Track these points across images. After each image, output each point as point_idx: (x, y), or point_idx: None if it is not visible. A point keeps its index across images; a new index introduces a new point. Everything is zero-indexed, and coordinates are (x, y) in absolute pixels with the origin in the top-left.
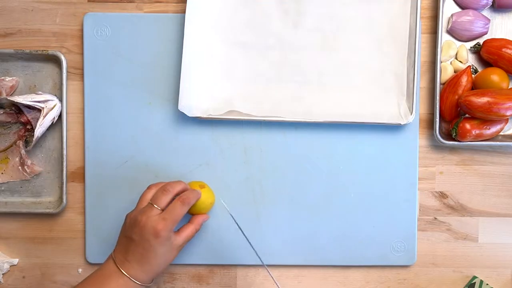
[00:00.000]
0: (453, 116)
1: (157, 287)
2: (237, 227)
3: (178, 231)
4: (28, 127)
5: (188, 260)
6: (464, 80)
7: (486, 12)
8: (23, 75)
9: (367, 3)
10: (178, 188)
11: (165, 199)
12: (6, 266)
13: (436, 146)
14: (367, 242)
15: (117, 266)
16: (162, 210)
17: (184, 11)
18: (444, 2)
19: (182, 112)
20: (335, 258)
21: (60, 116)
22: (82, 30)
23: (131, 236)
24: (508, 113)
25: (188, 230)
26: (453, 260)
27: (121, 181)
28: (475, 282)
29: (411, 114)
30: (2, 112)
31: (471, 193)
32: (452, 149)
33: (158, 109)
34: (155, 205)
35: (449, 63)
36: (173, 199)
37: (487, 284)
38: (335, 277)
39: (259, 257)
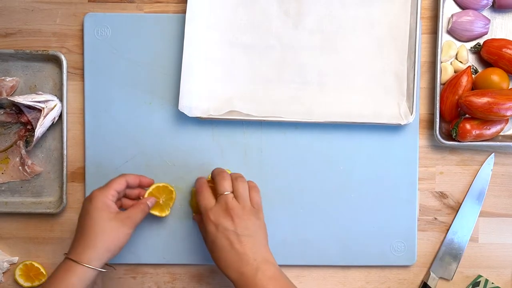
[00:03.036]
0: (453, 116)
1: (157, 287)
2: None
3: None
4: (29, 127)
5: (189, 260)
6: (464, 80)
7: (486, 12)
8: (23, 75)
9: (367, 3)
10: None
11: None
12: (6, 265)
13: (436, 146)
14: (367, 242)
15: (68, 258)
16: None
17: (184, 11)
18: (444, 2)
19: (183, 112)
20: (335, 258)
21: (60, 116)
22: (82, 30)
23: (78, 221)
24: (508, 113)
25: (133, 207)
26: None
27: None
28: (480, 281)
29: (411, 114)
30: (2, 112)
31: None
32: (452, 149)
33: (159, 109)
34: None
35: (449, 63)
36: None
37: (492, 283)
38: (335, 277)
39: None
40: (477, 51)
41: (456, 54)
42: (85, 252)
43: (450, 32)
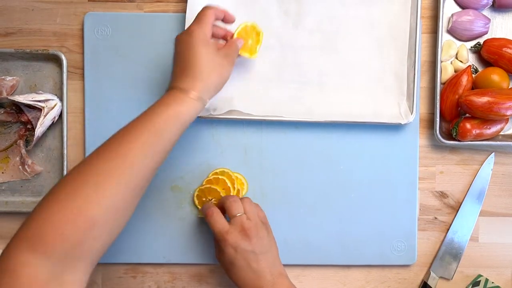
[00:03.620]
0: (453, 116)
1: (157, 286)
2: None
3: None
4: (29, 126)
5: (188, 260)
6: (465, 79)
7: (486, 12)
8: (23, 74)
9: (368, 3)
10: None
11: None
12: None
13: (436, 146)
14: (367, 242)
15: (175, 87)
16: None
17: (184, 11)
18: (444, 2)
19: None
20: (335, 258)
21: (60, 115)
22: (82, 30)
23: (174, 57)
24: (509, 112)
25: (229, 45)
26: None
27: None
28: (480, 280)
29: (411, 114)
30: (2, 112)
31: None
32: (452, 148)
33: None
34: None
35: (450, 62)
36: None
37: (492, 282)
38: (335, 277)
39: None
40: (477, 50)
41: (456, 54)
42: (196, 85)
43: (450, 31)
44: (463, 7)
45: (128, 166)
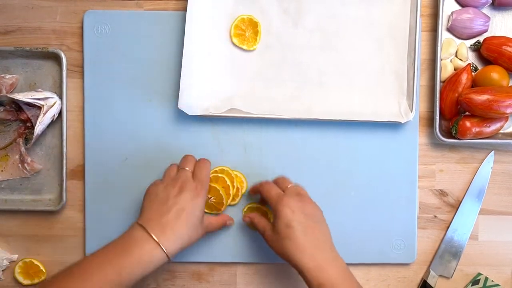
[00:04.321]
0: (453, 114)
1: (156, 285)
2: (238, 225)
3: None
4: (28, 124)
5: (188, 258)
6: (464, 78)
7: (486, 10)
8: (23, 72)
9: (367, 2)
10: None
11: (191, 161)
12: (6, 263)
13: (436, 144)
14: (367, 240)
15: (146, 231)
16: (192, 172)
17: (184, 9)
18: (444, 0)
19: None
20: None
21: (60, 113)
22: (82, 28)
23: (167, 199)
24: (508, 110)
25: (217, 218)
26: None
27: (121, 178)
28: (479, 279)
29: (411, 112)
30: (2, 110)
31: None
32: (452, 147)
33: (158, 107)
34: (185, 168)
35: (449, 61)
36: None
37: (492, 281)
38: None
39: None
40: (477, 48)
41: (456, 52)
42: (175, 243)
43: (450, 29)
44: (462, 5)
45: None
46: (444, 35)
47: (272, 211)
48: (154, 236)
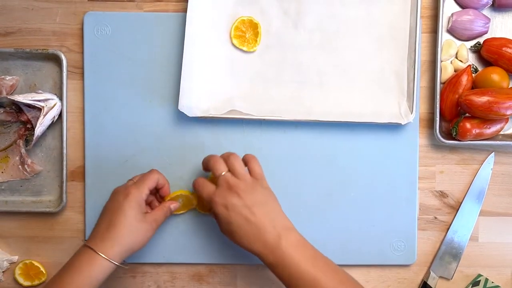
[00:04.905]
0: (453, 115)
1: (157, 286)
2: None
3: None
4: (28, 126)
5: (188, 259)
6: (464, 79)
7: (486, 11)
8: (23, 74)
9: (367, 3)
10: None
11: (139, 176)
12: (6, 264)
13: (436, 145)
14: (367, 241)
15: (85, 245)
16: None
17: (184, 10)
18: (444, 1)
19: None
20: (335, 257)
21: (60, 115)
22: (82, 29)
23: (104, 208)
24: (508, 112)
25: (159, 210)
26: None
27: (121, 180)
28: (480, 280)
29: (411, 114)
30: (2, 111)
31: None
32: (452, 148)
33: (158, 108)
34: (131, 179)
35: (450, 62)
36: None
37: (492, 282)
38: None
39: None
40: (477, 50)
41: (456, 53)
42: (112, 247)
43: (450, 31)
44: (463, 6)
45: None
46: (444, 37)
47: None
48: (93, 248)
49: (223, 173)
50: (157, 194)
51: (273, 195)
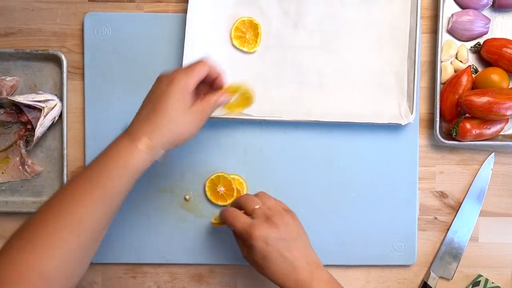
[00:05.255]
0: (453, 116)
1: (157, 286)
2: None
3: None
4: (29, 126)
5: (189, 260)
6: (465, 79)
7: (486, 12)
8: (23, 74)
9: (367, 3)
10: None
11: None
12: None
13: (436, 146)
14: (367, 242)
15: (128, 135)
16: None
17: (184, 11)
18: (444, 2)
19: None
20: (335, 258)
21: (60, 115)
22: (82, 30)
23: (146, 97)
24: (508, 112)
25: (208, 100)
26: None
27: None
28: (480, 281)
29: (411, 114)
30: (2, 112)
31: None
32: (452, 148)
33: None
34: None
35: (450, 62)
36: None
37: (492, 283)
38: (335, 276)
39: None
40: (477, 50)
41: (456, 54)
42: (152, 138)
43: (450, 31)
44: (463, 7)
45: (77, 221)
46: (444, 37)
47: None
48: (131, 137)
49: (257, 206)
50: (213, 86)
51: (303, 228)
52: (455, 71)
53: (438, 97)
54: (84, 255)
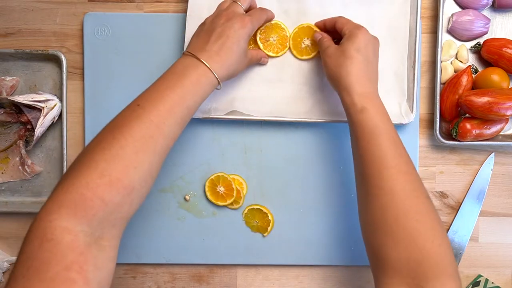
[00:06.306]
0: (453, 116)
1: (157, 287)
2: (238, 226)
3: None
4: (29, 126)
5: (188, 260)
6: (465, 79)
7: (486, 12)
8: (23, 74)
9: (367, 3)
10: None
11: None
12: (6, 265)
13: (436, 146)
14: None
15: (195, 57)
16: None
17: (184, 11)
18: (444, 2)
19: None
20: (335, 258)
21: (60, 115)
22: (82, 30)
23: (213, 28)
24: (508, 112)
25: (258, 52)
26: None
27: None
28: (480, 281)
29: (411, 114)
30: (2, 112)
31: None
32: (452, 148)
33: None
34: (238, 2)
35: (450, 62)
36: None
37: (492, 283)
38: (335, 277)
39: None
40: (477, 50)
41: (456, 54)
42: (221, 68)
43: (450, 31)
44: (463, 7)
45: (161, 132)
46: (444, 37)
47: (342, 33)
48: (204, 61)
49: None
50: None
51: None
52: (455, 71)
53: (438, 97)
54: (158, 167)
